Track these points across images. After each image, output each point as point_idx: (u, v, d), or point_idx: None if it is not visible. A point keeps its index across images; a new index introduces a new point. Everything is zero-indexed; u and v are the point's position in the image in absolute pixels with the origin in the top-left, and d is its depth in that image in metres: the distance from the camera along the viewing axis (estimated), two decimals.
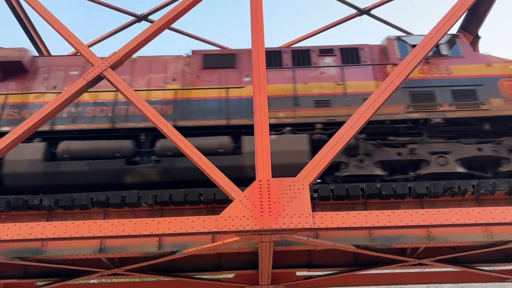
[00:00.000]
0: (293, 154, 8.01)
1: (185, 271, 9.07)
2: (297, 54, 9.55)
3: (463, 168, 8.16)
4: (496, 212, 5.11)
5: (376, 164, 8.25)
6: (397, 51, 9.29)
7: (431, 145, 8.42)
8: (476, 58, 9.14)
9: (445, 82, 8.78)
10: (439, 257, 8.30)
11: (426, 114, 8.52)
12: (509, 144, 8.32)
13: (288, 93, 8.93)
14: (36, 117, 6.24)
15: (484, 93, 8.55)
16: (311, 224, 5.02)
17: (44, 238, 5.23)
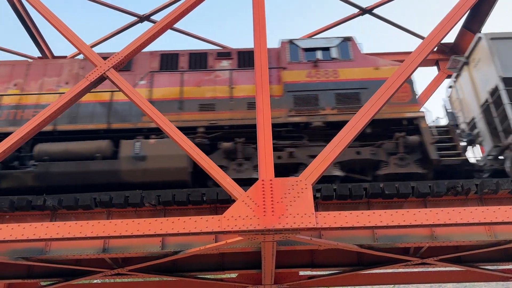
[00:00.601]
0: (170, 158, 8.02)
1: (188, 271, 9.08)
2: (194, 57, 9.52)
3: (341, 172, 8.20)
4: (500, 211, 5.10)
5: (255, 168, 8.22)
6: (288, 54, 9.24)
7: (311, 148, 8.43)
8: (365, 61, 9.09)
9: (330, 86, 8.77)
10: (443, 257, 8.28)
11: (307, 118, 8.53)
12: (388, 148, 8.32)
13: (174, 97, 8.94)
14: (39, 117, 6.27)
15: (368, 96, 8.44)
16: (314, 223, 5.02)
17: (47, 238, 5.24)
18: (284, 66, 9.14)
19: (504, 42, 8.96)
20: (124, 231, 5.19)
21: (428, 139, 8.27)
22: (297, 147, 8.48)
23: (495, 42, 9.00)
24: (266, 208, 5.13)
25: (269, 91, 8.35)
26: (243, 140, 8.46)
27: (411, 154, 8.27)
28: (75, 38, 7.12)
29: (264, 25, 6.43)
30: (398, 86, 5.93)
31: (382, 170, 8.22)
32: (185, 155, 7.95)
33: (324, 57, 9.22)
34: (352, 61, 9.04)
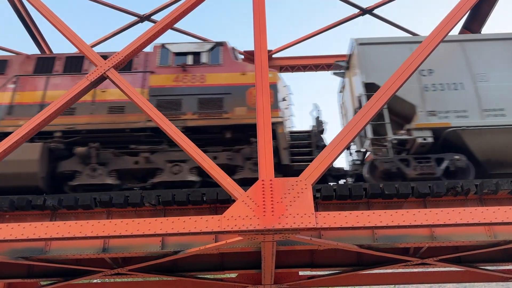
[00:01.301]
0: (22, 163, 7.97)
1: (188, 271, 9.08)
2: (70, 61, 9.40)
3: (196, 177, 8.21)
4: (499, 211, 5.10)
5: (111, 173, 8.22)
6: (158, 58, 9.18)
7: (170, 153, 8.41)
8: (233, 66, 9.04)
9: (195, 91, 8.72)
10: (442, 257, 8.29)
11: None
12: (247, 153, 8.33)
13: (36, 101, 8.80)
14: (40, 117, 6.27)
15: (231, 102, 8.53)
16: (313, 224, 5.03)
17: (47, 238, 5.25)
18: (152, 70, 9.06)
19: (370, 47, 9.01)
20: (124, 230, 5.20)
21: (282, 144, 8.26)
22: (155, 152, 8.43)
23: (362, 47, 9.07)
24: (266, 208, 5.13)
25: None
26: (97, 145, 8.38)
27: None
28: (75, 38, 7.12)
29: (264, 26, 6.43)
30: (397, 87, 5.94)
31: (237, 174, 8.22)
32: (37, 159, 7.93)
33: (195, 61, 9.16)
34: (220, 66, 8.96)
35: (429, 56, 8.66)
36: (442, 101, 8.42)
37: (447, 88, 8.53)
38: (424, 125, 8.22)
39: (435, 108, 8.35)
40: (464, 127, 8.10)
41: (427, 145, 8.15)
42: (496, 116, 8.22)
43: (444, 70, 8.71)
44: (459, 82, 8.57)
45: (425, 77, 8.67)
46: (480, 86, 8.52)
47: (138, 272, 8.86)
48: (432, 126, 8.20)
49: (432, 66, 8.74)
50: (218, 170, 5.56)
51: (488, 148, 8.22)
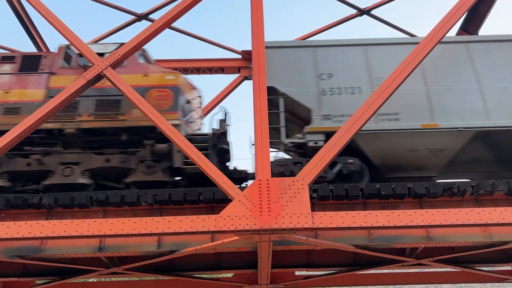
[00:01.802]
0: None
1: (184, 270, 9.08)
2: (27, 60, 9.10)
3: (88, 179, 8.11)
4: (495, 212, 5.13)
5: (2, 175, 8.10)
6: (61, 60, 9.01)
7: (63, 155, 8.28)
8: (136, 68, 8.91)
9: (93, 92, 8.52)
10: (438, 257, 8.31)
11: (61, 124, 8.26)
12: (142, 155, 8.22)
13: None
14: (36, 115, 6.27)
15: (129, 104, 8.36)
16: (310, 224, 5.03)
17: (43, 237, 5.24)
18: (54, 71, 8.86)
19: (273, 51, 8.91)
20: (120, 230, 5.19)
21: (175, 147, 8.12)
22: (49, 154, 8.28)
23: (266, 50, 8.89)
24: (263, 208, 5.14)
25: (32, 96, 8.42)
26: None
27: (161, 162, 8.18)
28: (72, 36, 7.11)
29: (262, 26, 6.43)
30: (393, 89, 5.95)
31: (129, 177, 8.12)
32: None
33: None
34: (123, 67, 8.73)
35: (330, 60, 8.83)
36: (338, 105, 8.39)
37: (344, 92, 8.51)
38: (316, 129, 8.20)
39: (330, 112, 8.33)
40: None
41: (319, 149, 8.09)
42: (390, 121, 8.21)
43: (344, 74, 8.66)
44: (357, 86, 8.53)
45: (324, 81, 8.63)
46: None
47: (134, 272, 8.85)
48: (325, 130, 8.16)
49: (333, 70, 8.72)
50: (215, 170, 5.56)
51: (383, 152, 8.25)
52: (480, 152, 8.70)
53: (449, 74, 8.64)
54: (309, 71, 8.74)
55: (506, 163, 8.82)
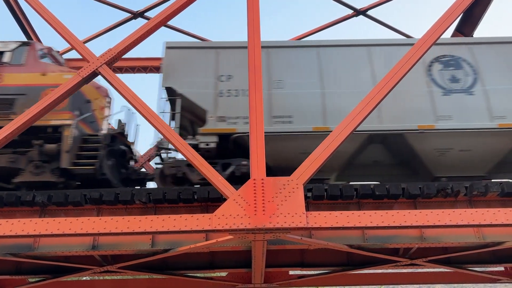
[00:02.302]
0: None
1: (178, 269, 9.06)
2: None
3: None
4: (488, 213, 5.16)
5: None
6: None
7: None
8: (35, 67, 8.78)
9: None
10: (432, 258, 8.34)
11: None
12: (32, 155, 8.13)
13: None
14: (30, 112, 6.24)
15: (23, 103, 8.21)
16: (304, 223, 5.04)
17: (36, 235, 5.21)
18: None
19: (175, 52, 8.90)
20: (114, 228, 5.18)
21: (65, 147, 8.07)
22: None
23: (169, 51, 8.94)
24: (257, 207, 5.14)
25: None
26: None
27: (51, 163, 8.10)
28: (68, 33, 7.07)
29: (258, 25, 6.43)
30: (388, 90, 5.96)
31: (17, 178, 8.03)
32: None
33: None
34: (21, 66, 8.65)
35: (231, 62, 8.77)
36: (234, 107, 8.37)
37: (241, 94, 8.47)
38: (209, 130, 8.18)
39: (225, 114, 8.31)
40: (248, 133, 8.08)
41: (213, 150, 8.10)
42: (284, 123, 8.20)
43: (243, 76, 8.53)
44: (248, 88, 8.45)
45: (222, 83, 8.61)
46: (274, 93, 8.49)
47: (127, 270, 8.82)
48: (218, 132, 8.16)
49: (232, 72, 8.70)
50: (209, 169, 5.55)
51: (277, 154, 8.23)
52: (379, 155, 8.73)
53: (347, 77, 8.62)
54: (209, 72, 8.70)
55: (404, 165, 8.91)
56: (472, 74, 8.64)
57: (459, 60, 8.78)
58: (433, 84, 8.57)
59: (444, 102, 8.38)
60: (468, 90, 8.49)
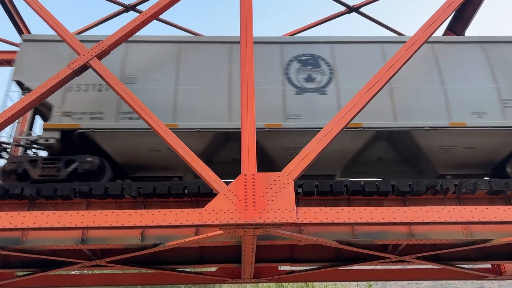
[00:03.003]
0: None
1: (167, 264, 9.04)
2: None
3: None
4: (476, 211, 5.22)
5: None
6: None
7: None
8: None
9: None
10: (420, 254, 8.42)
11: None
12: None
13: None
14: (19, 105, 6.17)
15: None
16: (294, 219, 5.05)
17: (24, 228, 5.17)
18: None
19: (32, 45, 8.66)
20: (103, 222, 5.15)
21: None
22: None
23: (25, 44, 8.68)
24: (248, 203, 5.14)
25: None
26: None
27: None
28: (58, 26, 7.01)
29: (251, 21, 6.41)
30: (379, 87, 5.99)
31: None
32: None
33: None
34: None
35: None
36: (81, 102, 8.17)
37: (91, 89, 8.29)
38: (51, 126, 7.99)
39: (72, 109, 8.12)
40: (93, 129, 7.92)
41: (55, 146, 7.93)
42: (132, 119, 8.00)
43: None
44: (98, 83, 8.22)
45: None
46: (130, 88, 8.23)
47: (117, 264, 8.79)
48: (60, 127, 7.95)
49: None
50: (200, 164, 5.54)
51: (124, 151, 8.13)
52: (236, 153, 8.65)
53: (203, 75, 8.52)
54: (62, 66, 8.30)
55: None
56: (328, 73, 8.52)
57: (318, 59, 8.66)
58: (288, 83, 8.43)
59: None
60: (322, 89, 8.37)
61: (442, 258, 8.93)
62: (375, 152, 8.63)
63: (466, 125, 8.10)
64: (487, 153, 8.37)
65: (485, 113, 8.22)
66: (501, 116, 8.20)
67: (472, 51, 8.89)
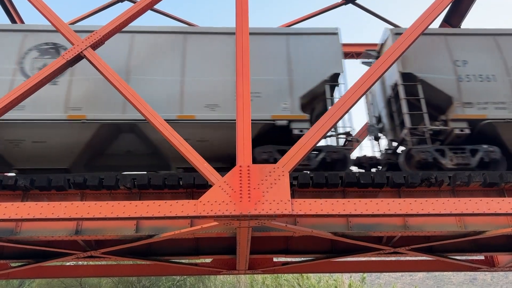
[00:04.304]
0: None
1: (162, 255, 9.06)
2: None
3: None
4: (470, 203, 5.24)
5: None
6: None
7: None
8: None
9: None
10: (414, 246, 8.46)
11: None
12: None
13: None
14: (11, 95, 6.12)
15: None
16: (289, 210, 5.06)
17: (18, 219, 5.16)
18: None
19: None
20: (98, 213, 5.14)
21: None
22: None
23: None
24: (243, 194, 5.14)
25: None
26: None
27: None
28: (52, 15, 6.93)
29: (246, 10, 6.37)
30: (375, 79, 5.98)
31: None
32: None
33: None
34: None
35: None
36: None
37: None
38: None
39: None
40: None
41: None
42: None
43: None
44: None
45: None
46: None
47: (111, 256, 8.78)
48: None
49: None
50: (195, 155, 5.52)
51: None
52: None
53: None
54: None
55: None
56: None
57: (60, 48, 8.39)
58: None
59: None
60: None
61: (436, 250, 8.99)
62: (124, 145, 8.30)
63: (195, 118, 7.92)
64: None
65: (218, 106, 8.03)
66: None
67: None
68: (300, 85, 8.28)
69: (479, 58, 8.71)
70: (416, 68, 8.59)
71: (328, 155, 7.99)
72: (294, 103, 8.10)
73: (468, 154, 8.00)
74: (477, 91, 8.36)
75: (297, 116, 8.00)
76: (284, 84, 8.26)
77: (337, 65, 8.55)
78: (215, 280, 20.83)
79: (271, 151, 7.90)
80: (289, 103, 8.10)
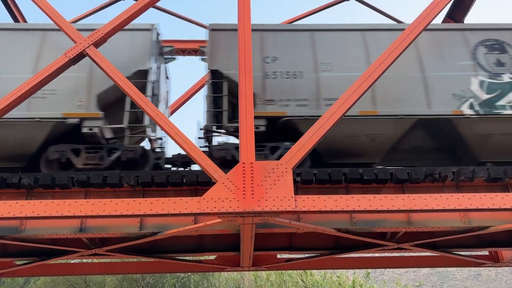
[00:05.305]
0: None
1: (166, 252, 9.07)
2: None
3: None
4: (475, 198, 5.22)
5: None
6: None
7: None
8: None
9: None
10: (418, 242, 8.45)
11: None
12: None
13: None
14: (14, 94, 6.13)
15: None
16: (293, 207, 5.06)
17: (22, 217, 5.17)
18: None
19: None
20: (102, 211, 5.15)
21: None
22: None
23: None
24: (246, 191, 5.14)
25: None
26: None
27: None
28: (54, 13, 6.93)
29: (248, 8, 6.36)
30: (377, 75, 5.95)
31: None
32: None
33: None
34: None
35: None
36: None
37: None
38: None
39: None
40: None
41: None
42: None
43: None
44: None
45: None
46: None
47: (116, 253, 8.80)
48: None
49: None
50: (198, 152, 5.52)
51: None
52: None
53: None
54: None
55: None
56: None
57: None
58: None
59: None
60: None
61: (440, 246, 8.97)
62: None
63: None
64: None
65: None
66: None
67: None
68: (100, 82, 8.07)
69: (291, 54, 8.53)
70: (223, 65, 8.39)
71: (124, 154, 7.89)
72: (91, 101, 7.96)
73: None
74: (281, 88, 8.21)
75: (90, 114, 7.87)
76: (82, 82, 8.10)
77: (143, 62, 8.39)
78: (219, 277, 20.85)
79: (64, 150, 7.83)
80: (84, 101, 7.96)
